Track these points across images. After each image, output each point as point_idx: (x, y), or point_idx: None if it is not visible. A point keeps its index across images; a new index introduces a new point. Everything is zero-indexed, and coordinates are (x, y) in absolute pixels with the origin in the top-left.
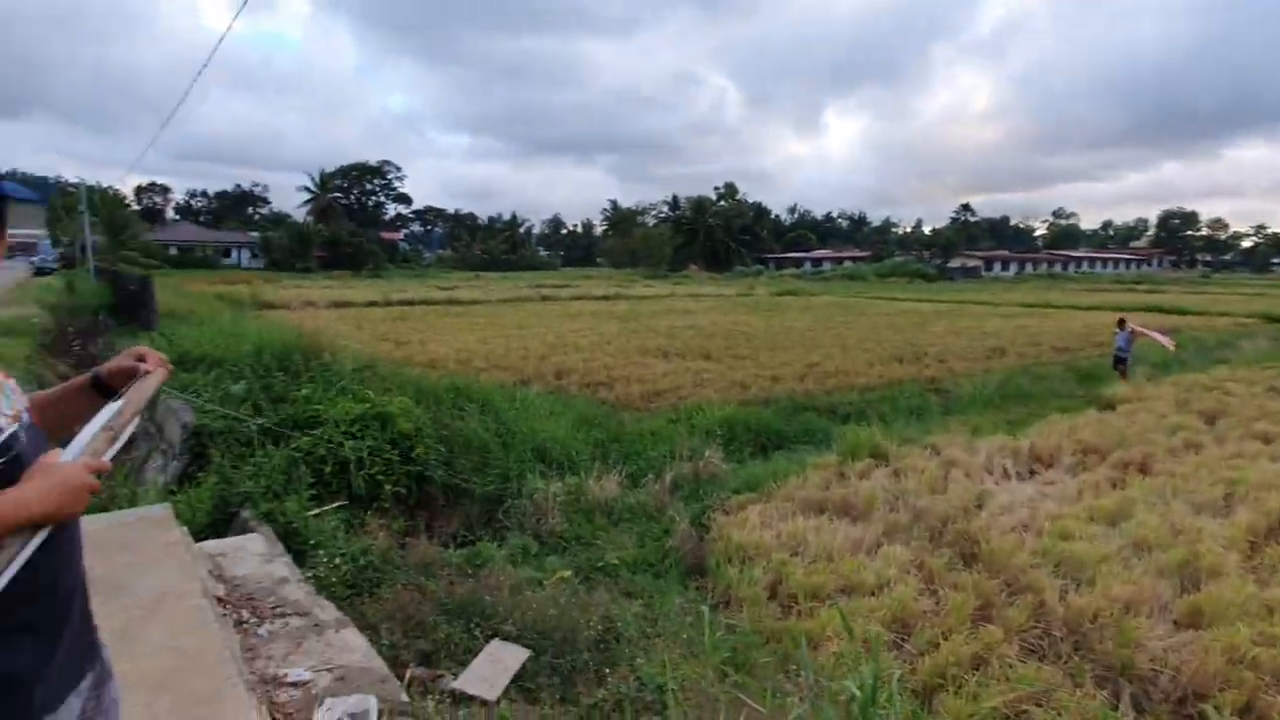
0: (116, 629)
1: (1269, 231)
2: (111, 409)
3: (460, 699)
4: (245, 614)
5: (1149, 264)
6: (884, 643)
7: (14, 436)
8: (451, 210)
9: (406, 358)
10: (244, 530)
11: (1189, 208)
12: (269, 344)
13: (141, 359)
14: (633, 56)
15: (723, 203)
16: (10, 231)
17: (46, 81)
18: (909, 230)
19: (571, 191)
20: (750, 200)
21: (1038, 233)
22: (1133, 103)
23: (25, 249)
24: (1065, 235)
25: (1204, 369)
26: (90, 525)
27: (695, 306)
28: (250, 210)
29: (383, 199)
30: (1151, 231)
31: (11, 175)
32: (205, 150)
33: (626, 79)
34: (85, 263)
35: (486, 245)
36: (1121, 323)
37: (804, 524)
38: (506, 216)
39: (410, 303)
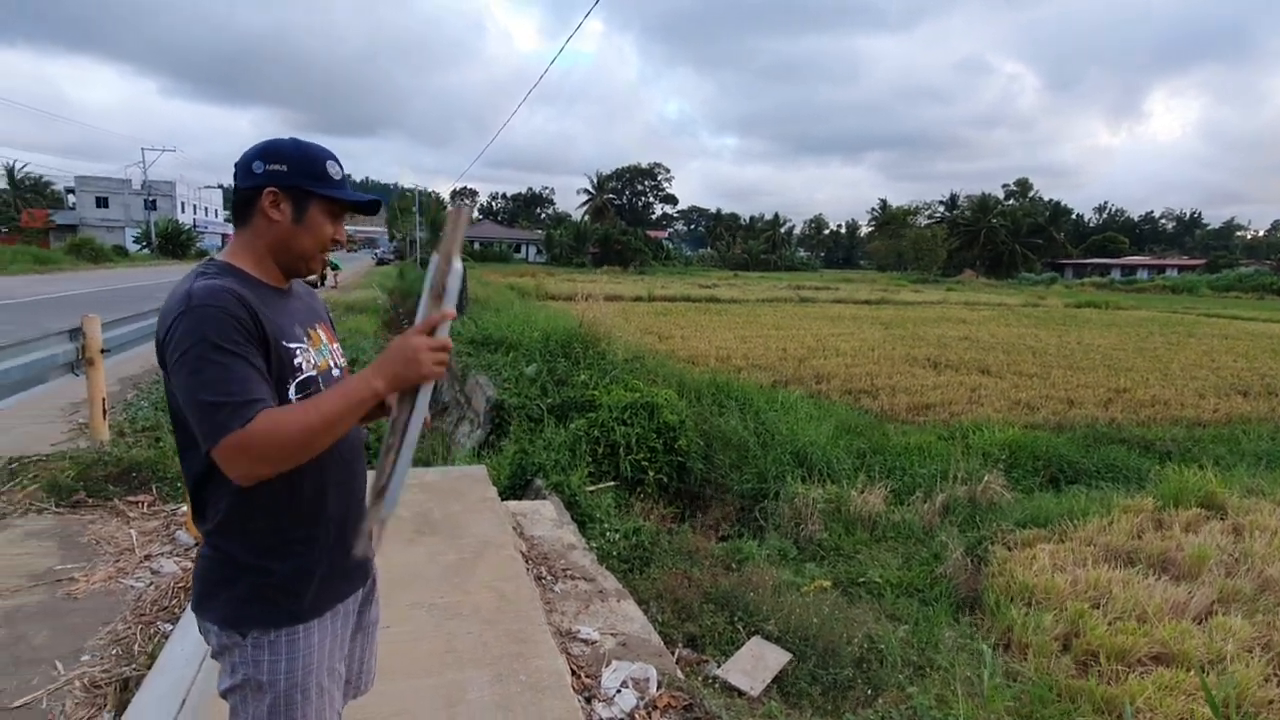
0: (452, 564)
1: None
2: (429, 273)
3: (723, 687)
4: (543, 570)
5: None
6: None
7: (313, 380)
8: (714, 209)
9: (669, 351)
10: (538, 496)
11: None
12: (554, 331)
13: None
14: (912, 49)
15: (1011, 201)
16: (360, 228)
17: (397, 105)
18: (1260, 234)
19: (836, 191)
20: (1045, 198)
21: None
22: None
23: (370, 243)
24: None
25: None
26: (428, 476)
27: (971, 315)
28: (538, 210)
29: (651, 199)
30: None
31: (364, 183)
32: (508, 158)
33: (903, 73)
34: (413, 255)
35: (746, 245)
36: None
37: (1108, 574)
38: (768, 216)
39: (672, 299)
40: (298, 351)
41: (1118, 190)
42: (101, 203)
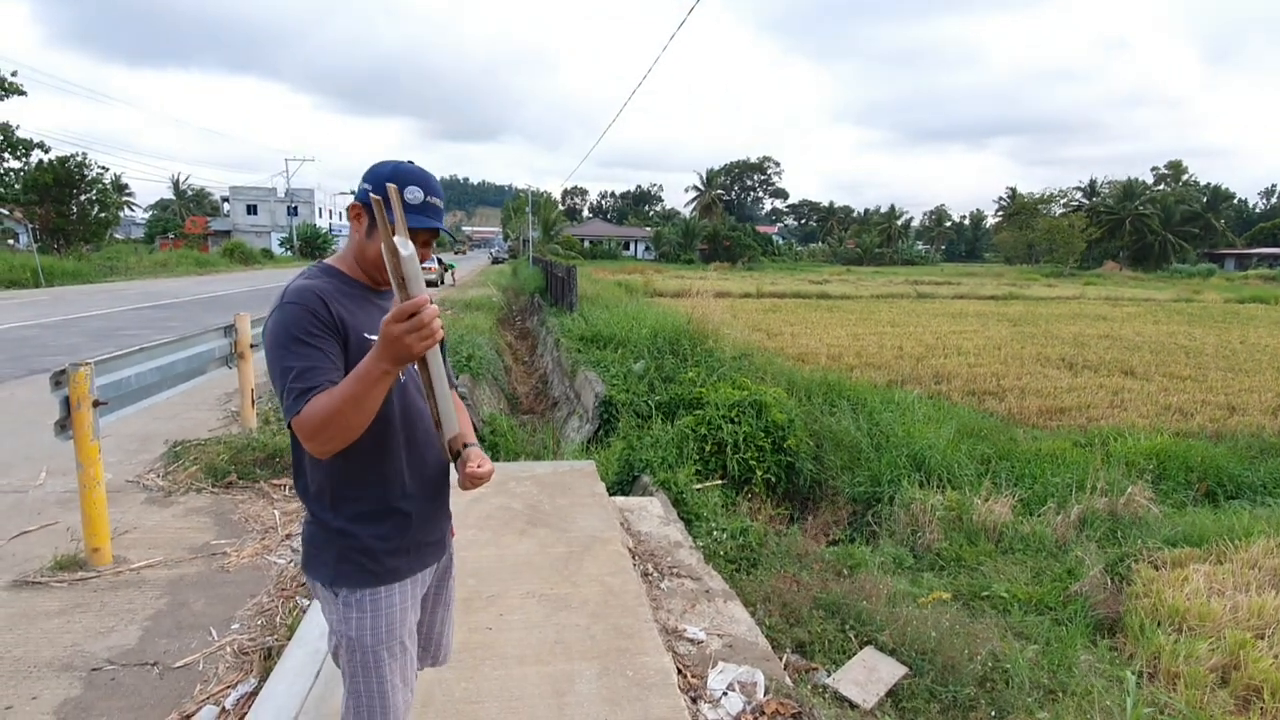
0: (561, 556)
1: None
2: (400, 258)
3: (834, 697)
4: (649, 567)
5: None
6: None
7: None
8: (826, 203)
9: (778, 349)
10: (644, 493)
11: None
12: (662, 329)
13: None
14: (1044, 28)
15: (1161, 186)
16: (477, 229)
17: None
18: None
19: (958, 180)
20: (1201, 182)
21: None
22: None
23: (485, 243)
24: None
25: None
26: (538, 469)
27: (1113, 312)
28: (646, 207)
29: (760, 194)
30: None
31: (480, 185)
32: (618, 157)
33: (1033, 53)
34: (526, 253)
35: (860, 239)
36: None
37: (1275, 601)
38: (884, 208)
39: (781, 295)
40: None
41: None
42: (251, 210)
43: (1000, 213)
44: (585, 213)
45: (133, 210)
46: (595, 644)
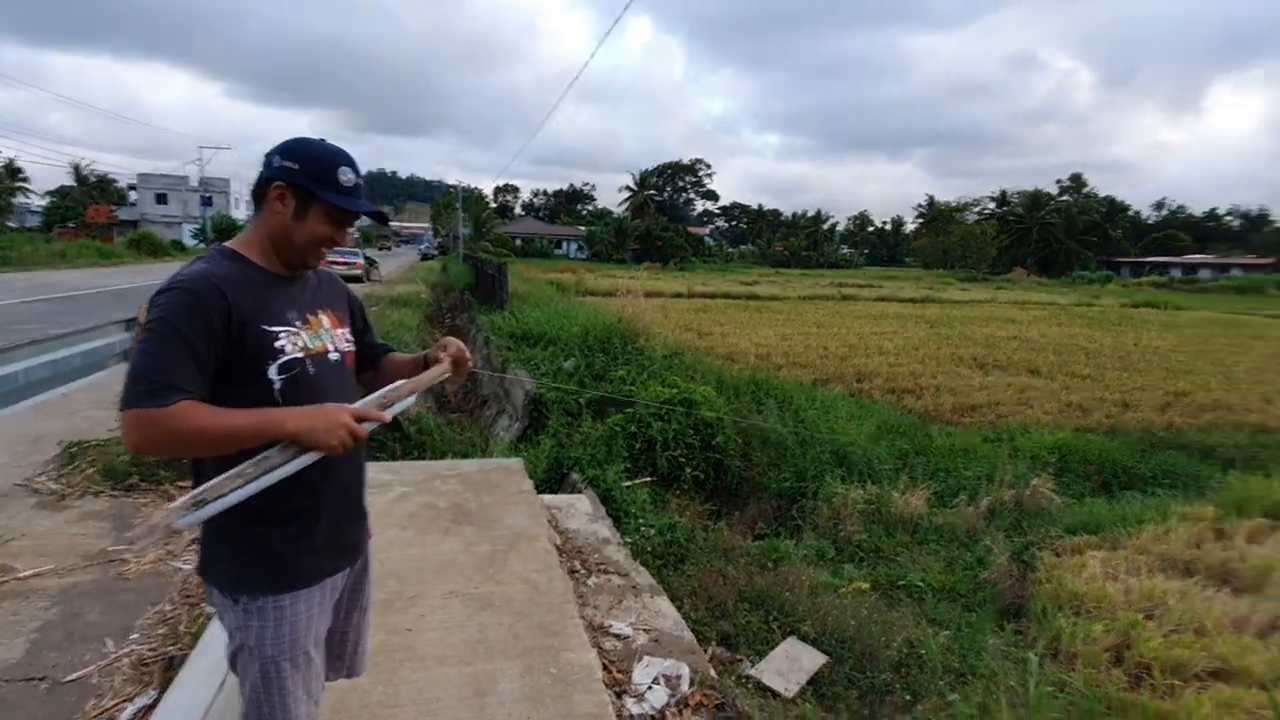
0: (486, 554)
1: None
2: (396, 385)
3: (757, 687)
4: (576, 564)
5: None
6: None
7: (299, 361)
8: (755, 206)
9: (708, 348)
10: (573, 490)
11: None
12: (593, 327)
13: (444, 348)
14: (961, 46)
15: (1065, 197)
16: (405, 224)
17: (447, 106)
18: None
19: (880, 188)
20: (1101, 195)
21: None
22: None
23: (414, 239)
24: None
25: None
26: (464, 468)
27: (1021, 315)
28: (579, 206)
29: (692, 195)
30: None
31: (409, 180)
32: (552, 155)
33: (950, 69)
34: (456, 250)
35: (788, 242)
36: None
37: (1163, 584)
38: (810, 213)
39: (712, 296)
40: (282, 334)
41: (1178, 187)
42: (161, 199)
43: (919, 220)
44: (517, 210)
45: (28, 196)
46: (519, 642)
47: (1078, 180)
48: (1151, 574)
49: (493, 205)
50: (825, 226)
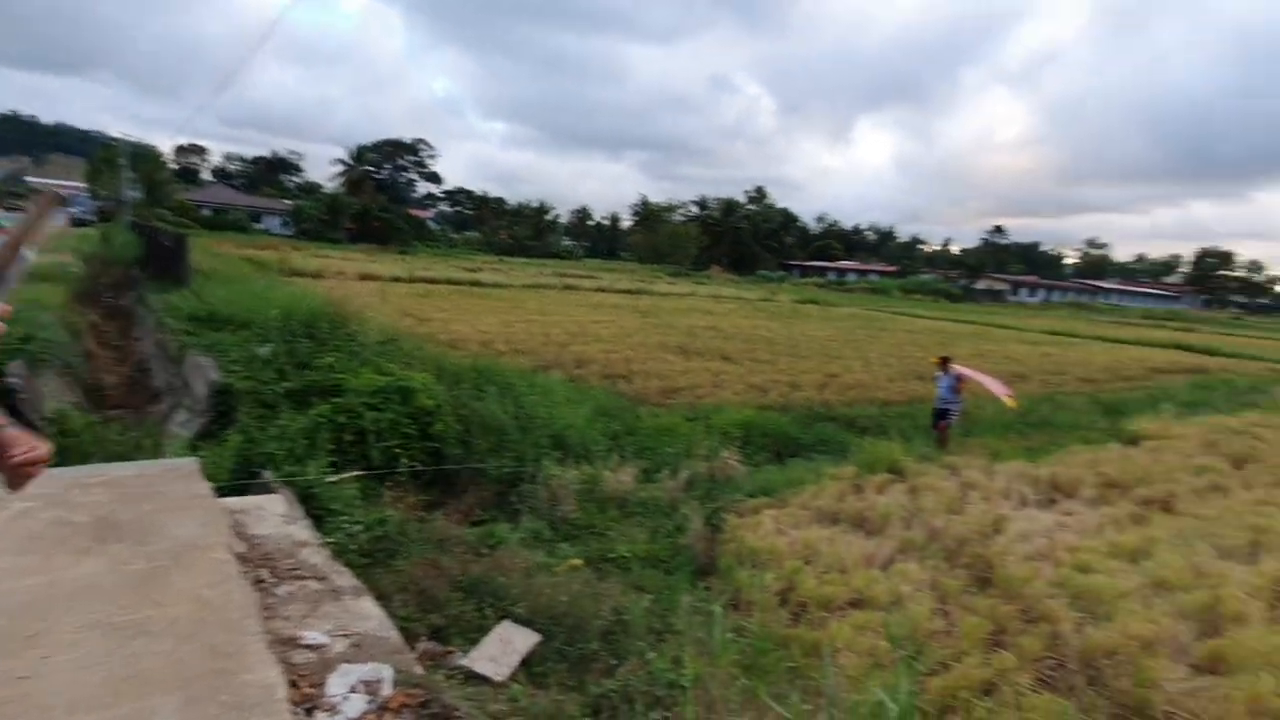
0: (142, 573)
1: None
2: None
3: (469, 677)
4: (264, 573)
5: (1180, 301)
6: (896, 660)
7: None
8: (480, 193)
9: (429, 335)
10: (266, 490)
11: (1225, 247)
12: (297, 310)
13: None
14: (672, 61)
15: (751, 206)
16: (51, 181)
17: (114, 45)
18: (937, 248)
19: (600, 185)
20: (779, 206)
21: (1068, 260)
22: (1160, 140)
23: (63, 201)
24: (1097, 265)
25: (1233, 412)
26: (118, 472)
27: (717, 308)
28: (285, 177)
29: (414, 176)
30: (1185, 268)
31: (58, 129)
32: (251, 117)
33: (663, 81)
34: (122, 217)
35: (513, 230)
36: (944, 363)
37: (818, 533)
38: (535, 203)
39: (434, 281)
40: None
41: (835, 204)
42: None
43: (634, 217)
44: (205, 176)
45: None
46: (183, 670)
47: (761, 192)
48: (809, 526)
49: (173, 167)
50: (549, 218)
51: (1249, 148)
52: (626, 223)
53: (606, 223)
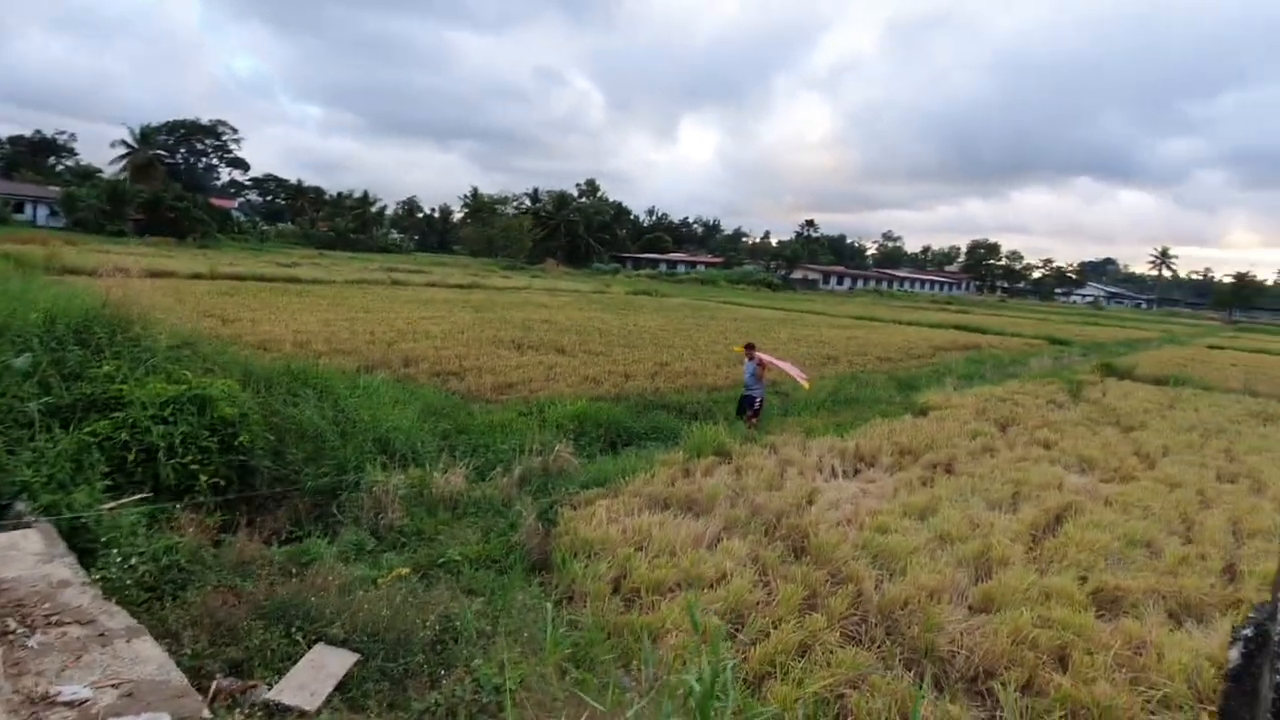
0: None
1: (1054, 265)
2: None
3: (275, 711)
4: (12, 623)
5: (958, 287)
6: (721, 634)
7: None
8: (295, 181)
9: (234, 336)
10: (18, 526)
11: (993, 239)
12: (64, 313)
13: None
14: (499, 50)
15: (584, 199)
16: None
17: None
18: (758, 241)
19: (429, 175)
20: (611, 199)
21: (869, 251)
22: (940, 145)
23: None
24: (892, 256)
25: (999, 382)
26: None
27: (551, 301)
28: (53, 160)
29: (215, 162)
30: (962, 258)
31: None
32: (9, 90)
33: (491, 71)
34: None
35: (333, 222)
36: (749, 350)
37: (649, 519)
38: (358, 193)
39: (241, 278)
40: None
41: (663, 198)
42: None
43: (465, 209)
44: None
45: None
46: None
47: (593, 185)
48: (641, 512)
49: None
50: (374, 209)
51: (1007, 153)
52: (458, 215)
53: (437, 215)
